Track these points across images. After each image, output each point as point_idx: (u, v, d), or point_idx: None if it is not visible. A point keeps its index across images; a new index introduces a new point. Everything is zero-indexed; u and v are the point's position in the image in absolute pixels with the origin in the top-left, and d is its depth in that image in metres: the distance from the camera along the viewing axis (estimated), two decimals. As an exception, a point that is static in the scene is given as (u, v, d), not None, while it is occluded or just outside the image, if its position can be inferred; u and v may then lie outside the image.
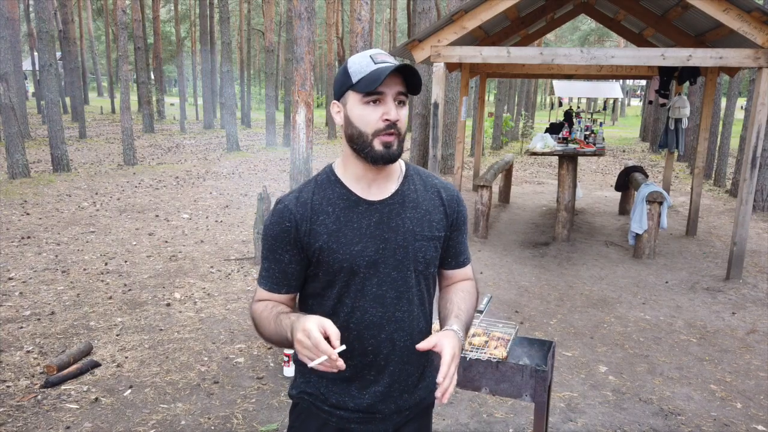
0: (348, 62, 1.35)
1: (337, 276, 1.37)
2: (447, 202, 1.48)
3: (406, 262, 1.40)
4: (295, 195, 1.40)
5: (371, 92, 1.29)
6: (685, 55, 5.55)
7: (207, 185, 10.95)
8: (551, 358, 2.32)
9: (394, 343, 1.42)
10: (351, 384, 1.43)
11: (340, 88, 1.36)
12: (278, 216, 1.37)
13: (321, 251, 1.35)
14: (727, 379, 3.84)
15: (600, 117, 26.19)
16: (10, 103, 10.57)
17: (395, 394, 1.46)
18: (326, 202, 1.38)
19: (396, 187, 1.42)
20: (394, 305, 1.40)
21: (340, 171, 1.42)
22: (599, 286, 5.70)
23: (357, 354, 1.40)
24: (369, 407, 1.44)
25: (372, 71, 1.30)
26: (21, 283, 5.33)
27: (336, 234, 1.36)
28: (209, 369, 3.80)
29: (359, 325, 1.39)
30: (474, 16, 5.95)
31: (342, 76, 1.35)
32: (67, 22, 19.90)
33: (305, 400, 1.47)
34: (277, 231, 1.37)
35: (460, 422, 3.23)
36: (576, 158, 7.22)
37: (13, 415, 3.18)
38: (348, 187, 1.39)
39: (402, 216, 1.40)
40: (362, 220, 1.37)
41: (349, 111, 1.34)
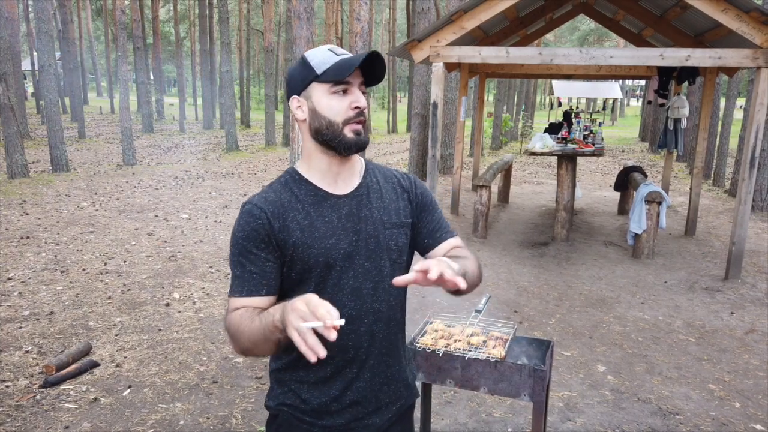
0: (306, 56, 1.36)
1: (313, 271, 1.35)
2: (407, 188, 1.50)
3: (378, 251, 1.41)
4: (261, 196, 1.37)
5: (339, 82, 1.31)
6: (683, 55, 5.56)
7: (206, 185, 10.95)
8: (550, 358, 2.32)
9: (373, 336, 1.42)
10: (333, 384, 1.41)
11: (302, 82, 1.35)
12: (248, 216, 1.33)
13: (295, 247, 1.33)
14: (725, 378, 3.85)
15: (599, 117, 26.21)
16: (9, 103, 10.56)
17: (376, 388, 1.45)
18: (294, 199, 1.37)
19: (359, 180, 1.44)
20: (371, 297, 1.40)
21: (304, 169, 1.41)
22: (598, 286, 5.70)
23: (338, 351, 1.37)
24: (351, 405, 1.42)
25: (339, 61, 1.31)
26: (20, 283, 5.33)
27: (309, 229, 1.34)
28: (208, 369, 3.80)
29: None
30: (473, 16, 5.96)
31: (303, 69, 1.35)
32: (66, 22, 19.89)
33: (285, 411, 1.43)
34: (249, 230, 1.32)
35: (459, 422, 3.23)
36: (575, 158, 7.23)
37: (12, 414, 3.18)
38: (314, 184, 1.39)
39: (369, 207, 1.42)
40: (332, 213, 1.37)
41: (316, 103, 1.34)
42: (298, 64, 1.37)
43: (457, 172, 8.82)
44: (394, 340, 1.48)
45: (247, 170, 13.17)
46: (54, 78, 11.93)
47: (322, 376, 1.40)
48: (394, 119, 29.06)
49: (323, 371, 1.39)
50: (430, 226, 1.52)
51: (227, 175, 12.38)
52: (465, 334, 2.32)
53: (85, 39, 39.22)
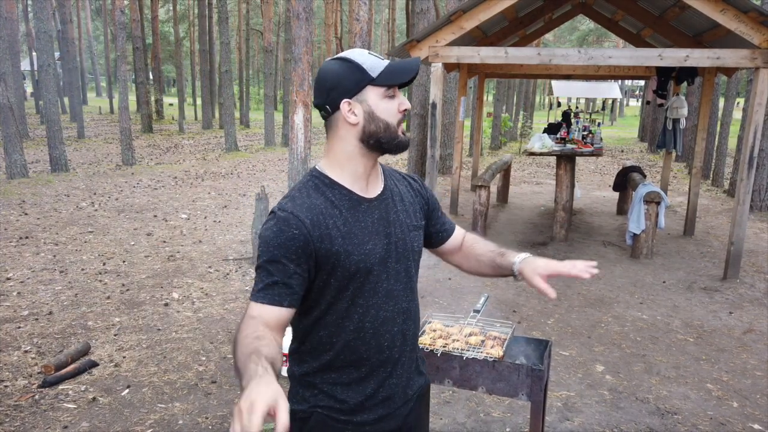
0: (353, 59, 1.34)
1: (353, 278, 1.35)
2: (418, 190, 1.57)
3: (406, 253, 1.46)
4: (293, 201, 1.33)
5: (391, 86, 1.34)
6: (682, 55, 5.57)
7: (205, 185, 10.95)
8: (548, 358, 2.33)
9: (405, 335, 1.48)
10: (368, 383, 1.43)
11: (355, 85, 1.33)
12: (284, 224, 1.29)
13: (337, 255, 1.32)
14: (723, 378, 3.85)
15: (599, 117, 26.22)
16: (9, 103, 10.56)
17: (404, 383, 1.50)
18: (330, 205, 1.35)
19: (383, 183, 1.47)
20: (402, 297, 1.46)
21: (334, 173, 1.39)
22: (597, 286, 5.71)
23: (374, 352, 1.41)
24: (384, 401, 1.45)
25: (392, 66, 1.34)
26: (19, 283, 5.33)
27: (348, 235, 1.34)
28: (207, 368, 3.80)
29: (374, 323, 1.41)
30: (472, 16, 5.96)
31: (354, 72, 1.33)
32: (65, 22, 19.88)
33: (318, 413, 1.41)
34: (283, 239, 1.28)
35: (458, 421, 3.23)
36: (574, 158, 7.23)
37: (10, 414, 3.18)
38: (347, 188, 1.38)
39: (395, 210, 1.46)
40: (367, 218, 1.39)
41: (374, 106, 1.35)
42: (345, 66, 1.34)
43: (456, 172, 8.82)
44: (417, 336, 1.56)
45: (247, 170, 13.17)
46: (53, 78, 11.93)
47: (357, 377, 1.42)
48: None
49: (358, 372, 1.42)
50: (441, 221, 1.64)
51: (226, 175, 12.38)
52: (463, 334, 2.32)
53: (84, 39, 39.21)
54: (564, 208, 7.19)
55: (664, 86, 8.07)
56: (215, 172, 12.78)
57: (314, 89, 1.40)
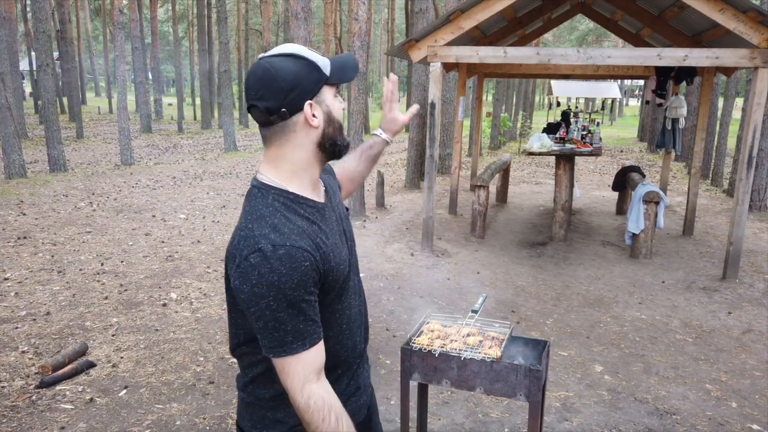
0: (305, 56, 1.21)
1: (340, 285, 1.31)
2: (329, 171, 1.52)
3: (352, 243, 1.42)
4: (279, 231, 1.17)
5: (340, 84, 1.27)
6: (681, 55, 5.56)
7: (204, 185, 10.94)
8: (546, 358, 2.32)
9: (367, 323, 1.48)
10: (342, 379, 1.39)
11: (315, 85, 1.22)
12: (290, 260, 1.14)
13: (333, 270, 1.25)
14: (722, 378, 3.85)
15: (598, 117, 26.23)
16: (7, 103, 10.54)
17: (367, 371, 1.51)
18: (310, 223, 1.24)
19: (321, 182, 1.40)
20: (360, 287, 1.45)
21: (293, 185, 1.26)
22: (596, 286, 5.70)
23: (350, 352, 1.38)
24: (354, 392, 1.43)
25: (339, 62, 1.26)
26: (17, 283, 5.32)
27: (333, 247, 1.27)
28: (205, 369, 3.79)
29: (349, 322, 1.37)
30: (471, 16, 5.95)
31: (311, 71, 1.21)
32: (64, 22, 19.86)
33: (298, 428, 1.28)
34: (299, 277, 1.14)
35: (456, 422, 3.22)
36: (573, 158, 7.23)
37: (7, 415, 3.17)
38: (310, 198, 1.28)
39: (338, 204, 1.42)
40: (332, 223, 1.33)
41: (331, 107, 1.25)
42: (301, 64, 1.20)
43: (456, 172, 8.81)
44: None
45: (246, 170, 13.16)
46: (52, 78, 11.91)
47: (333, 378, 1.33)
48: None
49: (335, 374, 1.35)
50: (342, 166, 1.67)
51: (225, 175, 12.37)
52: (461, 334, 2.31)
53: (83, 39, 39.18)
54: (563, 208, 7.18)
55: (663, 86, 8.07)
56: (214, 172, 12.77)
57: (262, 90, 1.19)
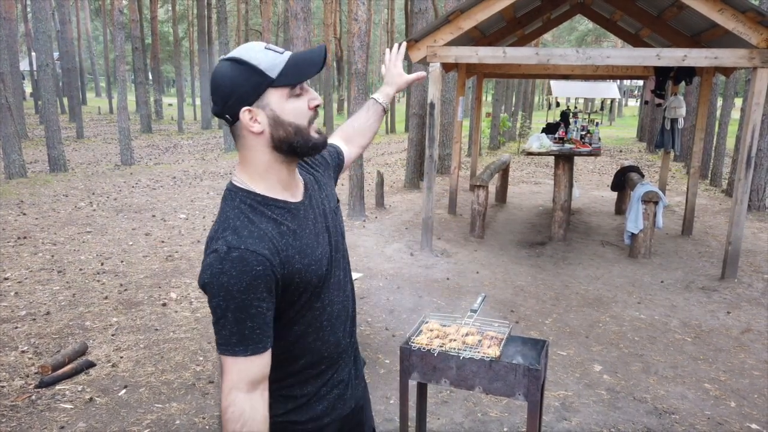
0: (247, 59, 1.19)
1: (315, 286, 1.30)
2: (319, 165, 1.50)
3: (340, 239, 1.42)
4: (238, 234, 1.18)
5: (297, 84, 1.22)
6: (680, 55, 5.57)
7: (204, 185, 10.95)
8: (544, 357, 2.33)
9: (353, 319, 1.47)
10: (325, 373, 1.40)
11: (254, 90, 1.19)
12: (242, 264, 1.14)
13: (300, 273, 1.24)
14: (721, 378, 3.86)
15: (597, 117, 26.23)
16: (7, 103, 10.55)
17: (351, 363, 1.50)
18: (276, 225, 1.23)
19: (301, 179, 1.38)
20: (345, 283, 1.43)
21: (260, 187, 1.26)
22: (595, 286, 5.71)
23: (333, 348, 1.39)
24: (338, 384, 1.43)
25: (294, 61, 1.22)
26: (17, 283, 5.32)
27: (302, 249, 1.26)
28: (204, 368, 3.80)
29: (330, 319, 1.37)
30: (470, 16, 5.96)
31: (251, 75, 1.19)
32: (64, 22, 19.87)
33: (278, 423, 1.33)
34: (248, 281, 1.14)
35: (455, 421, 3.23)
36: (572, 158, 7.23)
37: (7, 415, 3.18)
38: (279, 199, 1.27)
39: (320, 200, 1.40)
40: (308, 223, 1.31)
41: (278, 110, 1.21)
42: (238, 69, 1.19)
43: (455, 172, 8.82)
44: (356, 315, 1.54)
45: (245, 170, 13.15)
46: (52, 78, 11.92)
47: (315, 373, 1.38)
48: (392, 119, 29.06)
49: (317, 369, 1.38)
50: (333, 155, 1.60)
51: (225, 175, 12.37)
52: (460, 334, 2.32)
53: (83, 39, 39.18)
54: (562, 208, 7.19)
55: (662, 86, 8.08)
56: (214, 172, 12.78)
57: (212, 94, 1.23)
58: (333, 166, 1.57)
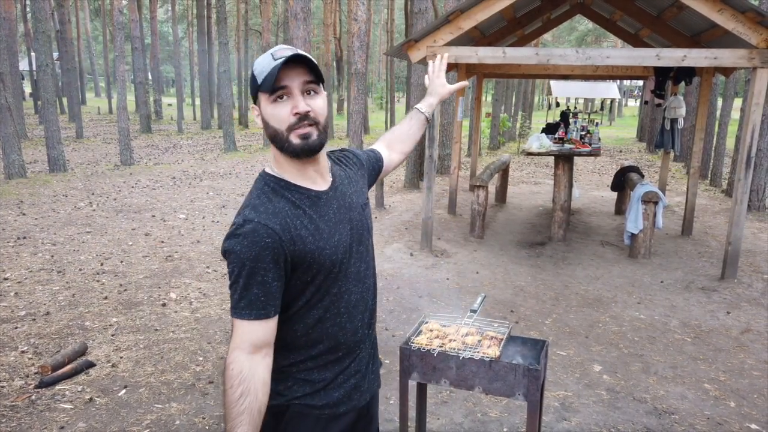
0: (254, 64, 1.36)
1: (329, 271, 1.38)
2: (354, 161, 1.63)
3: (365, 233, 1.51)
4: (256, 210, 1.32)
5: (275, 89, 1.31)
6: (679, 55, 5.57)
7: (204, 185, 10.94)
8: (544, 358, 2.33)
9: (372, 311, 1.55)
10: (343, 361, 1.48)
11: (253, 92, 1.37)
12: (254, 235, 1.28)
13: (311, 254, 1.34)
14: (721, 378, 3.86)
15: (597, 117, 26.23)
16: (7, 103, 10.55)
17: (369, 355, 1.58)
18: (292, 206, 1.35)
19: (330, 171, 1.49)
20: (366, 276, 1.52)
21: (283, 173, 1.40)
22: (595, 286, 5.71)
23: (350, 335, 1.47)
24: (355, 374, 1.50)
25: (271, 69, 1.31)
26: (16, 283, 5.32)
27: (317, 233, 1.36)
28: (204, 369, 3.80)
29: (348, 307, 1.45)
30: (470, 16, 5.96)
31: (251, 79, 1.36)
32: (64, 22, 19.86)
33: (295, 405, 1.43)
34: (258, 251, 1.27)
35: (455, 421, 3.23)
36: (572, 158, 7.23)
37: (6, 415, 3.18)
38: (301, 186, 1.39)
39: (348, 194, 1.49)
40: (328, 211, 1.41)
41: (264, 112, 1.36)
42: (251, 72, 1.37)
43: (455, 172, 8.82)
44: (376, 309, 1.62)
45: (245, 170, 13.16)
46: (51, 78, 11.91)
47: (333, 359, 1.46)
48: (392, 119, 29.00)
49: (335, 355, 1.46)
50: (371, 161, 1.73)
51: (225, 175, 12.37)
52: (460, 334, 2.32)
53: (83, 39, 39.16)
54: (562, 208, 7.19)
55: (662, 86, 8.09)
56: (214, 172, 12.77)
57: None
58: (369, 168, 1.70)
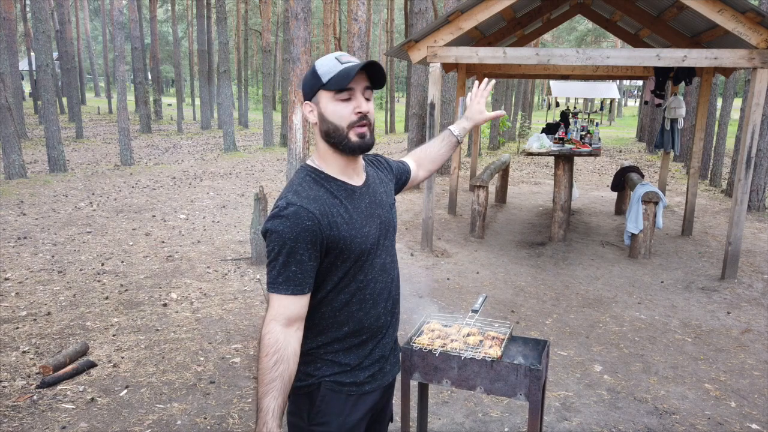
0: (316, 65, 1.49)
1: (357, 258, 1.50)
2: (385, 167, 1.77)
3: (391, 229, 1.66)
4: (298, 195, 1.45)
5: (342, 89, 1.44)
6: (679, 55, 5.58)
7: (204, 185, 10.94)
8: (545, 358, 2.33)
9: (394, 301, 1.67)
10: (366, 345, 1.59)
11: (311, 89, 1.50)
12: (296, 217, 1.41)
13: (344, 240, 1.46)
14: (721, 378, 3.86)
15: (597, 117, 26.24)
16: (7, 103, 10.54)
17: (392, 341, 1.70)
18: (330, 196, 1.49)
19: (364, 170, 1.63)
20: (391, 268, 1.65)
21: (325, 167, 1.53)
22: (595, 286, 5.72)
23: (374, 320, 1.59)
24: (379, 359, 1.62)
25: (341, 70, 1.44)
26: (17, 283, 5.32)
27: (350, 222, 1.49)
28: (205, 369, 3.80)
29: (373, 294, 1.58)
30: (470, 16, 5.97)
31: (312, 78, 1.49)
32: (63, 22, 19.85)
33: (326, 382, 1.54)
34: (298, 231, 1.40)
35: (456, 421, 3.24)
36: (572, 158, 7.24)
37: (8, 415, 3.18)
38: (339, 179, 1.53)
39: (379, 192, 1.63)
40: (361, 204, 1.54)
41: (323, 109, 1.48)
42: (310, 72, 1.50)
43: (455, 172, 8.83)
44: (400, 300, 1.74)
45: (245, 170, 13.16)
46: (51, 78, 11.91)
47: (357, 342, 1.57)
48: (392, 119, 29.05)
49: (359, 339, 1.57)
50: (400, 171, 1.87)
51: (225, 175, 12.37)
52: (461, 334, 2.33)
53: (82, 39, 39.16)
54: (562, 208, 7.20)
55: (662, 86, 8.09)
56: (214, 172, 12.77)
57: None
58: (397, 176, 1.83)
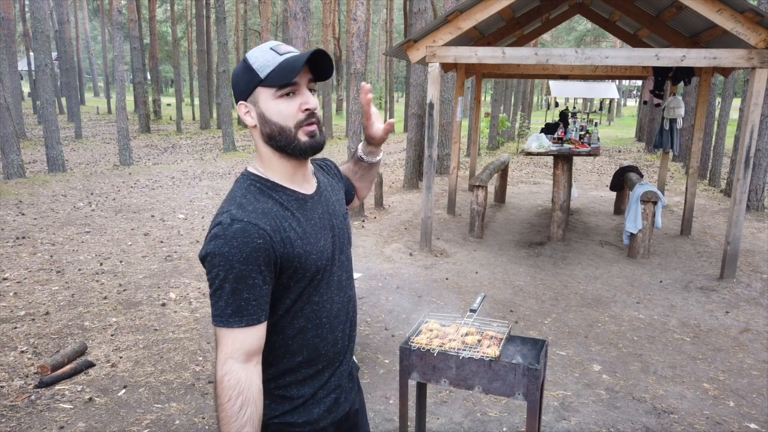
0: (248, 58, 1.28)
1: (312, 277, 1.32)
2: (335, 173, 1.58)
3: (346, 242, 1.46)
4: (243, 209, 1.23)
5: (285, 85, 1.25)
6: (678, 55, 5.58)
7: (203, 185, 10.94)
8: (544, 357, 2.33)
9: (352, 322, 1.49)
10: (322, 374, 1.40)
11: (246, 87, 1.28)
12: (244, 236, 1.19)
13: (299, 258, 1.27)
14: (720, 377, 3.86)
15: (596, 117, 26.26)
16: (5, 103, 10.53)
17: (349, 368, 1.50)
18: (280, 207, 1.28)
19: (315, 177, 1.44)
20: (347, 286, 1.46)
21: (269, 174, 1.32)
22: (594, 286, 5.72)
23: (330, 346, 1.40)
24: (336, 388, 1.44)
25: (282, 63, 1.25)
26: (15, 283, 5.32)
27: (304, 236, 1.30)
28: (204, 369, 3.80)
29: (330, 317, 1.39)
30: (469, 16, 5.97)
31: (245, 74, 1.28)
32: (62, 22, 19.85)
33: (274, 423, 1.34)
34: (248, 252, 1.18)
35: (455, 421, 3.23)
36: (571, 158, 7.24)
37: (6, 415, 3.18)
38: (288, 187, 1.33)
39: (331, 201, 1.45)
40: (314, 215, 1.35)
41: (264, 108, 1.27)
42: (241, 67, 1.29)
43: (454, 172, 8.82)
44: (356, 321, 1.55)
45: (244, 170, 13.15)
46: (50, 78, 11.90)
47: (312, 372, 1.38)
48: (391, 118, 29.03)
49: (314, 368, 1.38)
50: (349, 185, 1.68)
51: (224, 175, 12.37)
52: (460, 334, 2.33)
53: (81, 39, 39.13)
54: (561, 208, 7.20)
55: (661, 86, 8.10)
56: (213, 172, 12.77)
57: None
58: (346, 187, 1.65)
